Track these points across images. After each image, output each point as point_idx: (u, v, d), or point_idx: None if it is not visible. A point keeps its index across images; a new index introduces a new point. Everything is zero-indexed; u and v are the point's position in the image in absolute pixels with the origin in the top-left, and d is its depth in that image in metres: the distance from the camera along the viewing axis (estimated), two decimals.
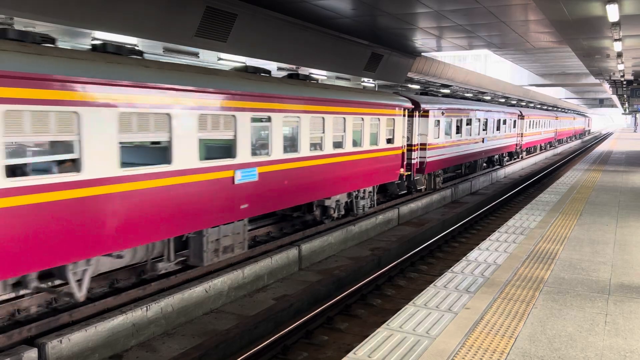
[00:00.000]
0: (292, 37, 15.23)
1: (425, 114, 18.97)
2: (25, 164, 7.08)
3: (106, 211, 7.50)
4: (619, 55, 17.95)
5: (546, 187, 16.10)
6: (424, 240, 13.97)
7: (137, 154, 9.03)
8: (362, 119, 14.50)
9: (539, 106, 53.80)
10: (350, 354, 4.45)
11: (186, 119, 8.75)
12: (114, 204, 7.61)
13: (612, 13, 10.91)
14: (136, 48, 9.16)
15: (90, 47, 8.51)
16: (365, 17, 14.96)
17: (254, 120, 10.39)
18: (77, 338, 6.97)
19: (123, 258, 8.56)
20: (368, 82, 23.88)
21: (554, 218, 10.30)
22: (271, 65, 17.62)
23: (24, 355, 6.45)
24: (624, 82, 29.55)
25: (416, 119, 18.79)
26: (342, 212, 14.48)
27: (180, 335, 8.15)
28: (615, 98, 49.55)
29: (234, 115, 9.77)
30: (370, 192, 15.73)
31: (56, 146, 7.27)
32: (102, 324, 7.28)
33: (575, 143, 64.63)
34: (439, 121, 20.09)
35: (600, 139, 71.81)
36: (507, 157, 32.25)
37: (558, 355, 4.49)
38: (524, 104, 46.74)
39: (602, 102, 76.35)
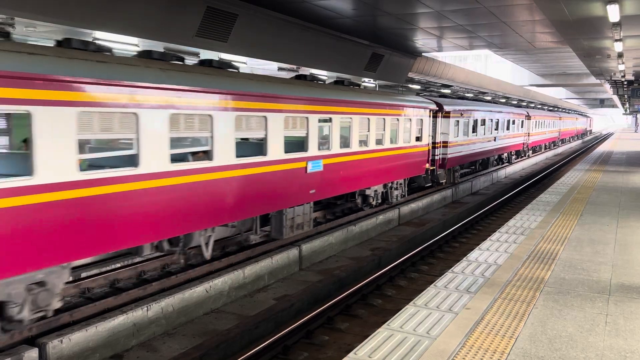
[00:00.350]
0: (292, 37, 15.23)
1: (446, 115, 20.89)
2: (179, 154, 9.10)
3: (226, 191, 9.67)
4: (620, 55, 17.95)
5: (547, 188, 16.11)
6: (424, 241, 13.97)
7: (244, 148, 10.81)
8: (398, 120, 16.52)
9: (545, 107, 53.82)
10: (351, 354, 4.45)
11: (276, 120, 10.96)
12: (231, 186, 9.81)
13: (613, 13, 10.90)
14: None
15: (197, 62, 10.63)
16: (365, 17, 14.96)
17: (320, 121, 12.57)
18: (78, 338, 6.98)
19: (233, 228, 11.12)
20: (368, 82, 23.87)
21: (555, 218, 10.30)
22: (272, 66, 17.63)
23: (25, 355, 6.45)
24: (625, 83, 29.54)
25: (439, 120, 20.74)
26: (379, 201, 16.36)
27: (180, 335, 8.15)
28: (616, 98, 49.54)
29: (307, 117, 12.06)
30: (401, 183, 17.69)
31: (197, 141, 9.61)
32: (102, 324, 7.29)
33: (576, 143, 64.61)
34: (458, 121, 21.94)
35: (601, 139, 71.79)
36: (514, 155, 34.28)
37: (558, 356, 4.49)
38: (525, 104, 46.73)
39: (602, 103, 76.32)
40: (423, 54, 22.41)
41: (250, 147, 11.38)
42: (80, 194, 7.12)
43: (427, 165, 19.29)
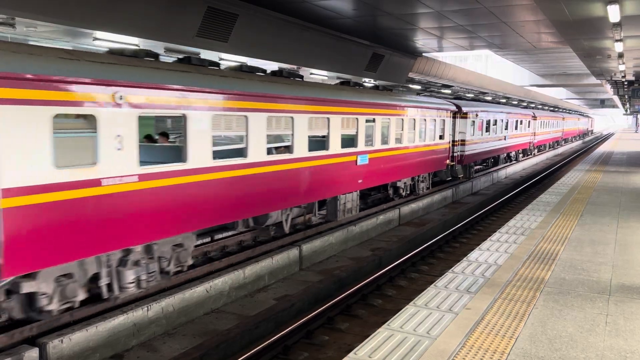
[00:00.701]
0: (293, 37, 15.23)
1: (464, 116, 22.78)
2: (272, 148, 11.35)
3: (301, 178, 11.89)
4: (620, 55, 17.94)
5: (547, 188, 16.10)
6: (424, 241, 13.97)
7: (311, 144, 12.54)
8: (425, 120, 18.59)
9: (545, 107, 54.00)
10: (351, 354, 4.45)
11: (336, 121, 13.16)
12: (305, 174, 11.96)
13: (613, 14, 10.90)
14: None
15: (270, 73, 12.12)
16: (366, 17, 14.96)
17: (366, 121, 14.63)
18: (78, 338, 6.98)
19: (303, 209, 13.08)
20: (368, 82, 23.85)
21: (555, 218, 10.30)
22: (272, 66, 17.62)
23: (25, 354, 6.46)
24: (625, 83, 29.54)
25: (457, 120, 22.59)
26: (408, 192, 18.61)
27: (181, 335, 8.16)
28: (616, 99, 49.54)
29: (357, 118, 14.17)
30: (426, 177, 19.87)
31: (281, 138, 11.96)
32: (103, 324, 7.29)
33: (577, 143, 64.61)
34: (474, 122, 23.84)
35: (602, 139, 71.75)
36: (521, 154, 36.57)
37: (559, 356, 4.49)
38: (525, 104, 46.73)
39: (603, 103, 76.31)
40: (423, 54, 22.41)
41: (315, 143, 12.82)
42: (213, 176, 9.37)
43: (448, 161, 21.39)
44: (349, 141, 13.99)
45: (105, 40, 11.68)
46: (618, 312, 5.50)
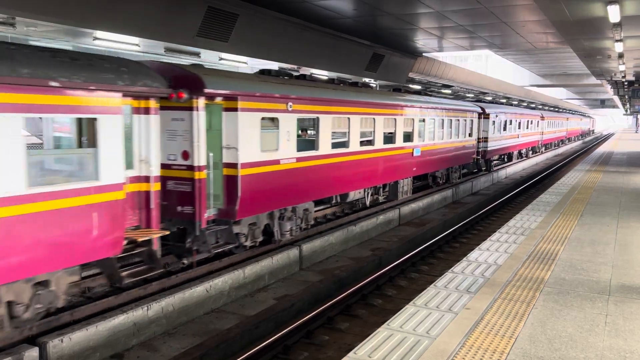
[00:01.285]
0: (293, 37, 15.24)
1: (487, 117, 26.50)
2: (362, 141, 14.83)
3: (377, 165, 15.54)
4: (620, 56, 17.94)
5: (547, 188, 16.10)
6: (424, 241, 13.97)
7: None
8: (458, 120, 22.03)
9: (545, 107, 54.23)
10: (351, 354, 4.46)
11: (399, 120, 16.71)
12: (379, 162, 15.62)
13: (613, 14, 10.90)
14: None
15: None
16: (366, 17, 14.97)
17: (419, 120, 18.15)
18: (78, 337, 6.99)
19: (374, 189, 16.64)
20: (370, 83, 23.83)
21: (555, 218, 10.31)
22: (272, 65, 17.62)
23: (25, 354, 6.46)
24: (625, 83, 29.53)
25: (481, 120, 26.15)
26: (444, 180, 22.22)
27: (181, 334, 8.16)
28: (616, 99, 49.52)
29: (412, 118, 17.68)
30: (457, 168, 23.59)
31: (365, 133, 14.97)
32: (103, 323, 7.30)
33: (577, 144, 64.66)
34: (494, 122, 27.50)
35: (602, 139, 71.73)
36: (530, 151, 40.14)
37: (558, 356, 4.50)
38: (525, 104, 46.79)
39: (603, 103, 76.29)
40: (424, 54, 22.41)
41: (386, 138, 16.07)
42: (331, 161, 13.20)
43: (475, 156, 24.98)
44: (407, 137, 17.51)
45: (105, 39, 11.68)
46: (618, 312, 5.50)
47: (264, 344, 7.50)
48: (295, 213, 12.23)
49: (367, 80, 21.15)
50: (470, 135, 23.69)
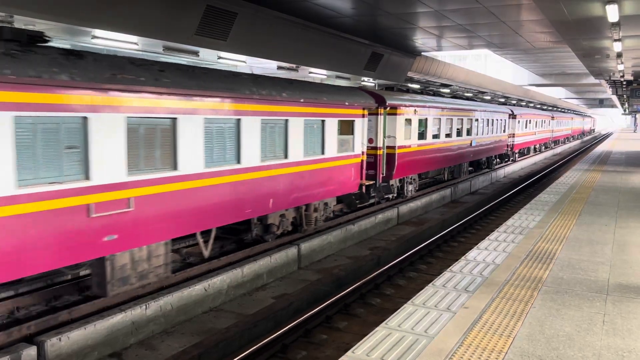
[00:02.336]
0: (292, 36, 15.22)
1: (514, 117, 32.78)
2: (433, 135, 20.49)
3: (440, 153, 20.31)
4: (619, 55, 17.95)
5: (545, 187, 16.11)
6: (423, 240, 13.98)
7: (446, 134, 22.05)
8: (495, 120, 27.93)
9: (543, 107, 54.67)
10: (349, 353, 4.46)
11: (467, 118, 22.53)
12: (442, 150, 20.49)
13: (612, 13, 10.91)
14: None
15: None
16: (365, 16, 14.96)
17: (472, 119, 23.49)
18: (77, 336, 6.98)
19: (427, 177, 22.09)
20: (368, 82, 23.84)
21: (553, 218, 10.32)
22: (271, 65, 17.61)
23: (24, 353, 6.46)
24: (624, 83, 29.55)
25: (510, 120, 32.16)
26: (485, 166, 28.65)
27: (179, 333, 8.16)
28: (615, 98, 49.54)
29: (470, 118, 23.38)
30: (494, 157, 29.72)
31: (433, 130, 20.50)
32: (101, 322, 7.30)
33: (575, 143, 64.77)
34: (519, 121, 34.07)
35: (600, 139, 71.81)
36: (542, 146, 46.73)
37: (556, 355, 4.50)
38: (524, 104, 46.88)
39: (602, 103, 76.29)
40: (422, 53, 22.40)
41: (457, 132, 21.94)
42: (434, 147, 19.44)
43: (506, 147, 31.62)
44: (468, 131, 23.23)
45: (103, 38, 11.66)
46: (615, 312, 5.51)
47: (263, 342, 7.50)
48: (415, 180, 19.23)
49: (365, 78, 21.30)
50: (504, 131, 30.54)
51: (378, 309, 9.53)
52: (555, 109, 60.78)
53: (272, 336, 7.71)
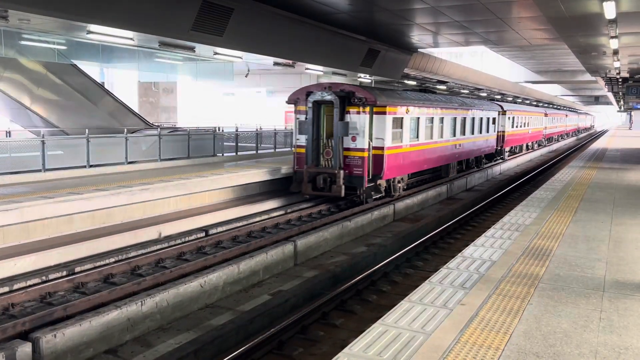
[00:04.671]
0: (288, 32, 15.17)
1: (546, 115, 44.62)
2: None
3: (532, 135, 41.54)
4: (615, 52, 17.98)
5: (541, 184, 16.12)
6: (419, 237, 13.97)
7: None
8: (537, 118, 41.17)
9: (539, 104, 55.36)
10: (346, 350, 4.45)
11: (528, 118, 39.39)
12: (529, 133, 40.00)
13: (609, 10, 10.91)
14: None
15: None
16: (362, 12, 14.93)
17: (538, 119, 42.97)
18: (72, 332, 6.95)
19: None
20: (364, 78, 23.80)
21: (549, 215, 10.33)
22: (267, 60, 17.54)
23: (19, 349, 6.43)
24: (620, 80, 29.62)
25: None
26: (532, 148, 40.71)
27: (175, 330, 8.14)
28: (610, 95, 49.69)
29: (529, 116, 39.29)
30: (535, 142, 41.95)
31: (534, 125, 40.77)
32: (96, 319, 7.27)
33: (571, 140, 65.01)
34: (548, 119, 45.88)
35: (596, 136, 72.06)
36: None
37: (553, 352, 4.50)
38: (520, 100, 47.13)
39: (597, 100, 76.48)
40: (419, 50, 22.39)
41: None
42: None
43: (542, 137, 44.15)
44: (526, 125, 35.55)
45: (98, 33, 11.59)
46: (612, 309, 5.51)
47: (259, 339, 7.48)
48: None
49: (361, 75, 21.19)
50: (540, 125, 41.99)
51: (375, 305, 9.52)
52: (550, 106, 63.34)
53: (269, 333, 7.69)
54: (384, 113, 15.77)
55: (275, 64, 18.44)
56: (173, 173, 15.41)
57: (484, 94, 41.03)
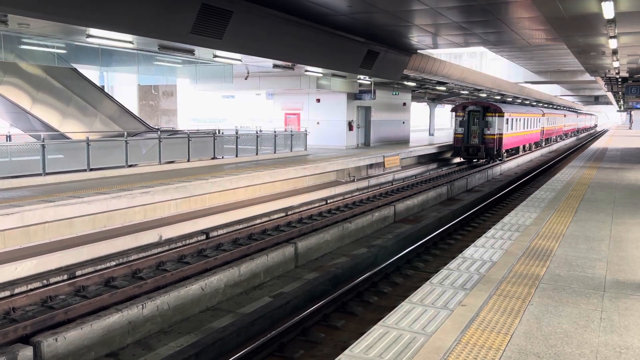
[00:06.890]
0: (287, 34, 15.19)
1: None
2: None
3: (567, 130, 66.19)
4: (614, 52, 17.98)
5: (542, 184, 16.12)
6: (420, 238, 13.97)
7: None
8: (569, 117, 62.53)
9: (539, 104, 55.52)
10: (347, 351, 4.45)
11: (584, 120, 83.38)
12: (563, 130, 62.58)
13: (608, 10, 10.92)
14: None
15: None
16: (361, 14, 14.95)
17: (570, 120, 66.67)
18: (73, 336, 6.95)
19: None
20: (364, 80, 23.80)
21: (550, 215, 10.33)
22: (267, 63, 17.56)
23: (20, 353, 6.43)
24: (619, 80, 29.61)
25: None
26: (554, 141, 54.76)
27: (176, 332, 8.14)
28: (610, 95, 49.70)
29: (564, 115, 64.09)
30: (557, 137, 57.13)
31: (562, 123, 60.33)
32: (97, 322, 7.27)
33: (571, 140, 65.19)
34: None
35: (596, 136, 72.16)
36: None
37: (554, 352, 4.50)
38: (520, 101, 47.05)
39: (597, 100, 76.42)
40: (418, 51, 22.40)
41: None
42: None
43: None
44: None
45: (98, 37, 11.61)
46: (613, 308, 5.51)
47: (260, 341, 7.48)
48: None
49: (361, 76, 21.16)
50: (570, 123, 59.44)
51: (375, 307, 9.52)
52: (550, 106, 65.25)
53: (270, 335, 7.69)
54: (502, 116, 31.13)
55: (275, 66, 18.46)
56: (173, 175, 15.42)
57: (484, 95, 40.82)
